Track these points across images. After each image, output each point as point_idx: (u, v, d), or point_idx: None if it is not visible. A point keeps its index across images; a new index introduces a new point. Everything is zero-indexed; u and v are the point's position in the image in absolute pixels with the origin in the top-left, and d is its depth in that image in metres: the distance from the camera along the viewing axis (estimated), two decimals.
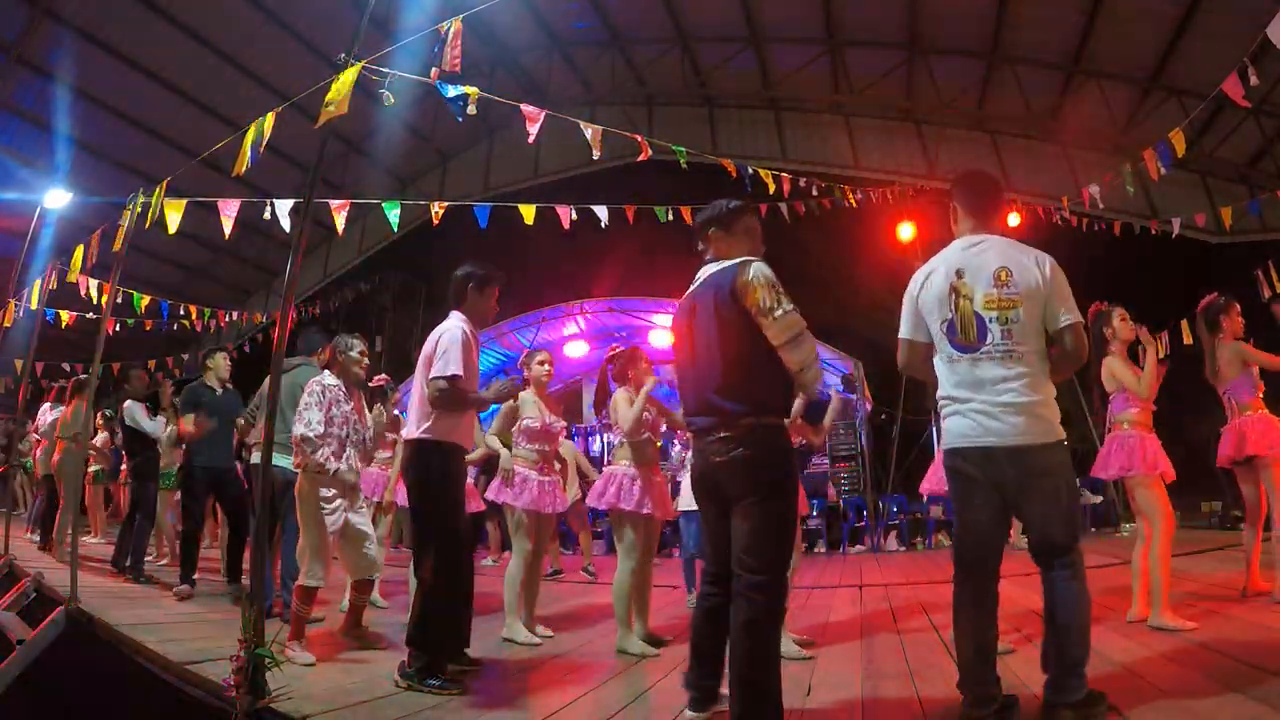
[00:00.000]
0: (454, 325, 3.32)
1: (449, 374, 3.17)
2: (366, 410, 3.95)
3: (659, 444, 4.19)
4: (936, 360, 2.50)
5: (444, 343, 3.24)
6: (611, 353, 4.14)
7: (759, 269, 2.38)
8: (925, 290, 2.51)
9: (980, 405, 2.34)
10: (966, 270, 2.42)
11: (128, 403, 5.99)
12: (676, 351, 2.62)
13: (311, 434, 3.51)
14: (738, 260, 2.45)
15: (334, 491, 3.58)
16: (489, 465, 4.79)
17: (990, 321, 2.35)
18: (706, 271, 2.58)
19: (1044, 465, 2.31)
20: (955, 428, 2.42)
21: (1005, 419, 2.30)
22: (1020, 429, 2.29)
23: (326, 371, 3.81)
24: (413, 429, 3.28)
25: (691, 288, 2.63)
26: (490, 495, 4.35)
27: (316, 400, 3.59)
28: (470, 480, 4.93)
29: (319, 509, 3.53)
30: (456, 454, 3.30)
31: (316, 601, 3.81)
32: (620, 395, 3.94)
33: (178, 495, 6.19)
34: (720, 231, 2.59)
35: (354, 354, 3.81)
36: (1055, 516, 2.31)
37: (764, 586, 2.27)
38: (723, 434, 2.36)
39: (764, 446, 2.35)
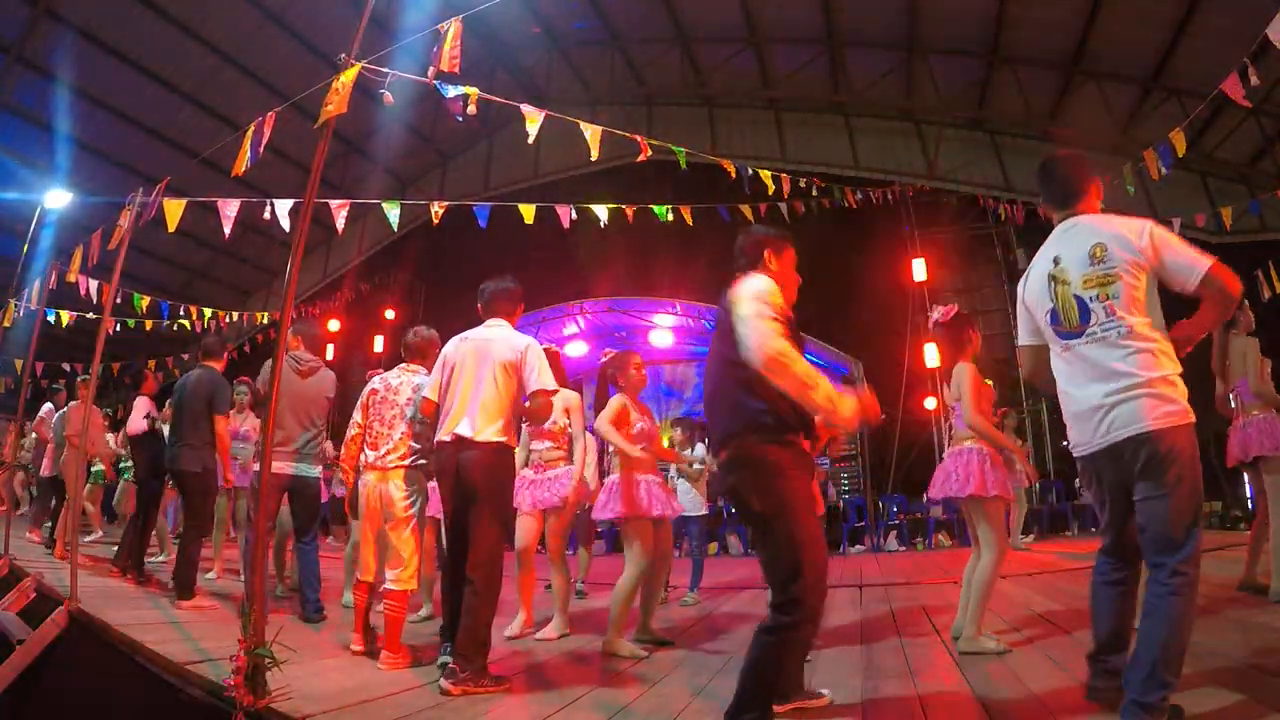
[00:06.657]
0: (533, 340, 3.41)
1: (552, 388, 3.30)
2: None
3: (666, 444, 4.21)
4: (1051, 357, 2.37)
5: (535, 355, 3.32)
6: (605, 356, 4.14)
7: None
8: (1028, 287, 2.42)
9: (1095, 398, 2.18)
10: (1062, 255, 2.31)
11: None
12: None
13: None
14: None
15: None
16: None
17: (1091, 301, 2.20)
18: None
19: (1166, 451, 2.08)
20: (1073, 434, 2.30)
21: (1122, 405, 2.12)
22: (1139, 412, 2.10)
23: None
24: (486, 431, 3.19)
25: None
26: None
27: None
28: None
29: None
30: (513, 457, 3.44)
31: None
32: (615, 402, 3.89)
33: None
34: None
35: None
36: (1169, 510, 2.08)
37: None
38: None
39: None
